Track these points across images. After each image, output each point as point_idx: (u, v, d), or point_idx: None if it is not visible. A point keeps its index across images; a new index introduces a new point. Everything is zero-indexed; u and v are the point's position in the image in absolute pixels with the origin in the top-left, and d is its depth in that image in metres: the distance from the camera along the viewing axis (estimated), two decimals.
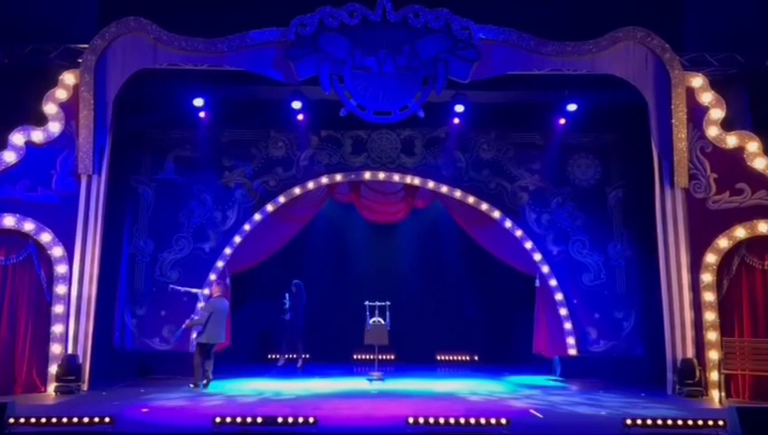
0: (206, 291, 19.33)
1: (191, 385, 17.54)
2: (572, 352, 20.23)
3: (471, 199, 20.75)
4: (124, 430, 12.46)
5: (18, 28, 18.27)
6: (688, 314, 17.30)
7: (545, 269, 20.54)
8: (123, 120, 18.16)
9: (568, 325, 20.26)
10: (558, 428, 13.32)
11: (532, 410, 14.80)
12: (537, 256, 20.59)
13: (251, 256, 20.92)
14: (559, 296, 20.37)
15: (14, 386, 16.70)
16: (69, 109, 17.41)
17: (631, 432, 12.44)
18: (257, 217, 20.60)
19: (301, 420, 12.47)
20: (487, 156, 21.18)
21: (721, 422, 12.49)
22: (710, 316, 17.14)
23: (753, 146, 17.43)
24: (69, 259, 17.11)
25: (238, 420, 12.41)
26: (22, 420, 12.27)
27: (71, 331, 16.99)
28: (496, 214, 20.70)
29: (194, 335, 19.74)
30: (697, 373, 16.90)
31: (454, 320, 23.46)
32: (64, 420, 12.26)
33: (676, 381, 17.22)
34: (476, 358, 23.43)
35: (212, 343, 17.93)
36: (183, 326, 18.15)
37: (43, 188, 17.21)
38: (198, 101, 19.57)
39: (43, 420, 12.23)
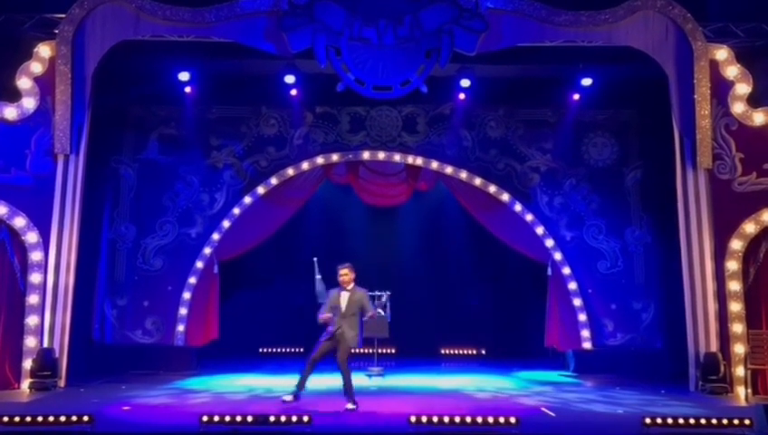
0: None
1: None
2: (587, 345, 20.26)
3: (478, 181, 20.73)
4: (104, 429, 12.38)
5: None
6: (712, 305, 17.25)
7: (558, 256, 20.56)
8: (103, 95, 18.07)
9: (582, 317, 20.29)
10: (572, 427, 13.27)
11: (543, 409, 14.79)
12: (549, 242, 20.61)
13: (241, 241, 20.91)
14: (572, 286, 20.40)
15: None
16: (44, 83, 17.32)
17: (650, 432, 12.38)
18: (247, 200, 20.60)
19: (294, 418, 12.38)
20: (495, 134, 21.17)
21: (747, 421, 12.40)
22: (735, 307, 17.10)
23: None
24: (44, 246, 17.05)
25: (227, 418, 12.32)
26: None
27: (46, 323, 16.95)
28: (505, 197, 20.68)
29: (180, 328, 19.78)
30: (722, 369, 16.86)
31: (459, 311, 23.54)
32: (39, 418, 12.12)
33: (698, 377, 17.19)
34: (483, 352, 23.46)
35: None
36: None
37: (17, 169, 17.15)
38: (184, 76, 19.51)
39: (17, 419, 12.10)
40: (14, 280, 17.09)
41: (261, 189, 20.63)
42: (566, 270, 20.48)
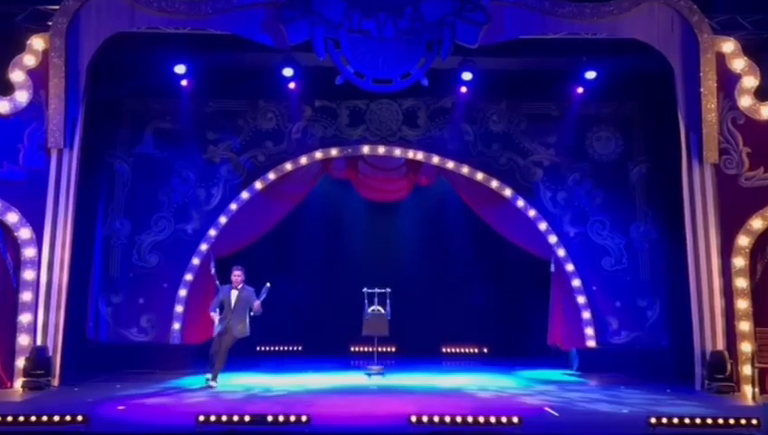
0: None
1: None
2: (591, 343, 20.24)
3: (480, 176, 20.70)
4: (98, 429, 12.39)
5: None
6: (718, 303, 17.25)
7: (561, 253, 20.52)
8: (97, 89, 18.04)
9: (586, 315, 20.26)
10: (575, 427, 13.28)
11: (546, 408, 14.79)
12: (552, 239, 20.58)
13: (238, 238, 20.86)
14: (576, 283, 20.38)
15: None
16: (38, 77, 17.32)
17: (656, 432, 12.39)
18: (245, 195, 20.56)
19: (292, 418, 12.39)
20: (498, 128, 21.12)
21: (754, 421, 12.40)
22: (742, 304, 17.11)
23: None
24: (38, 242, 17.05)
25: (224, 418, 12.33)
26: None
27: (40, 320, 16.96)
28: (507, 192, 20.65)
29: (176, 326, 19.76)
30: (728, 367, 16.86)
31: (461, 309, 23.52)
32: (32, 418, 12.14)
33: (704, 376, 17.17)
34: (485, 350, 23.45)
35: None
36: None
37: (10, 164, 17.15)
38: (180, 69, 19.44)
39: (9, 418, 12.12)
40: (6, 277, 17.06)
41: (258, 184, 20.58)
42: (570, 267, 20.44)
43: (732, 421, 12.46)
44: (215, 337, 17.59)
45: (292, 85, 19.88)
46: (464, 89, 19.99)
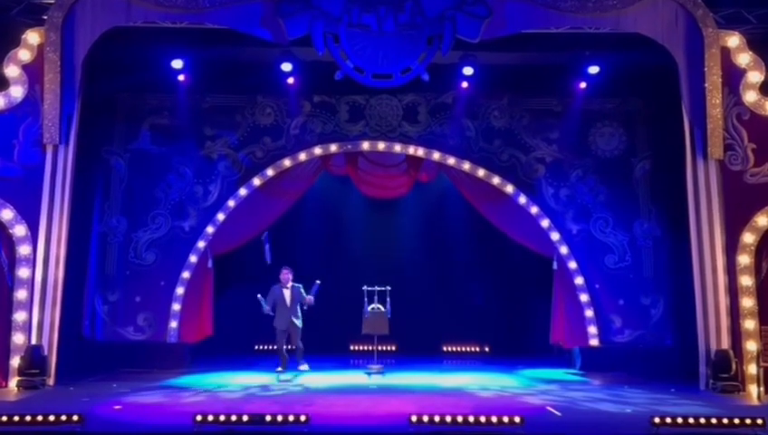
0: None
1: None
2: (594, 342, 20.21)
3: (481, 172, 20.67)
4: (94, 429, 12.36)
5: None
6: (723, 301, 17.21)
7: (564, 250, 20.50)
8: (93, 84, 18.06)
9: (589, 313, 20.24)
10: (578, 427, 13.23)
11: (549, 408, 14.74)
12: (555, 236, 20.54)
13: (236, 235, 20.88)
14: (579, 281, 20.35)
15: None
16: (33, 71, 17.27)
17: (660, 432, 12.36)
18: (243, 192, 20.55)
19: (291, 418, 12.37)
20: (499, 124, 21.10)
21: (760, 420, 12.35)
22: (748, 303, 17.07)
23: None
24: (33, 239, 17.02)
25: (221, 418, 12.31)
26: None
27: (35, 319, 16.92)
28: (509, 188, 20.62)
29: (173, 324, 19.73)
30: (733, 366, 16.83)
31: (462, 307, 23.52)
32: (27, 418, 12.12)
33: (709, 375, 17.15)
34: (487, 349, 23.45)
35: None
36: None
37: (4, 160, 17.14)
38: (177, 63, 19.43)
39: (4, 418, 12.10)
40: (1, 275, 17.05)
41: (257, 181, 20.56)
42: (572, 264, 20.41)
43: (737, 421, 12.44)
44: (278, 334, 19.61)
45: (290, 80, 19.89)
46: (465, 84, 20.02)
